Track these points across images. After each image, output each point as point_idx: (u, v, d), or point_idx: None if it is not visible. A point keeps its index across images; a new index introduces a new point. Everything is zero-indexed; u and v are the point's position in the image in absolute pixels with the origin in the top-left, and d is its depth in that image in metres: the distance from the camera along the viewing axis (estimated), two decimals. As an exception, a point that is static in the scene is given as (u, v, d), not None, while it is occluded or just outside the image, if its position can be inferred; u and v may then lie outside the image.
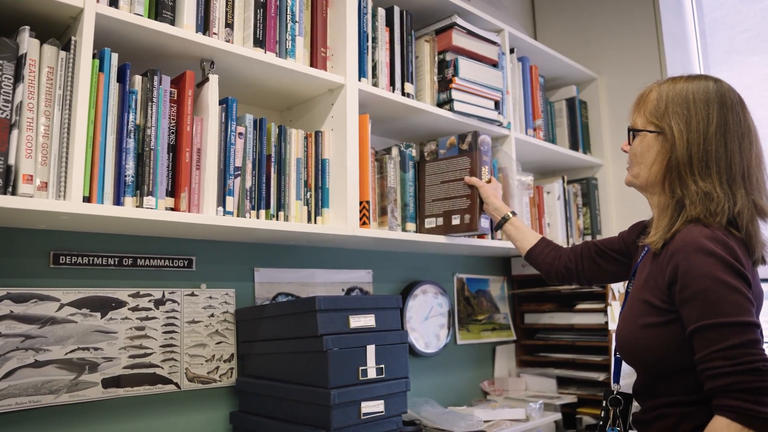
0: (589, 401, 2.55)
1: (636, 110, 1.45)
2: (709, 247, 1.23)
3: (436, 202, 2.06)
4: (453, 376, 2.50)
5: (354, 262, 2.20)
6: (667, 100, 1.37)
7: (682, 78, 1.41)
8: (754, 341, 1.17)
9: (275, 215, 1.70)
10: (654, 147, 1.39)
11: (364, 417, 1.57)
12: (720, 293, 1.20)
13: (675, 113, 1.35)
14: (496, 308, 2.73)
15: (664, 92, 1.39)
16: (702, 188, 1.31)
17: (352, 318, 1.58)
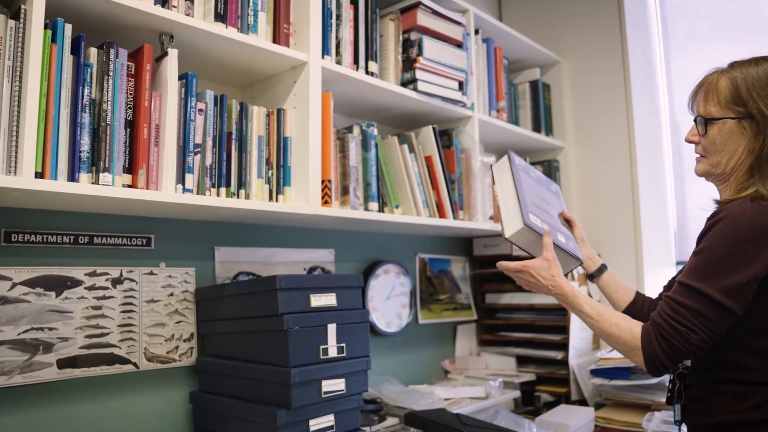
0: (547, 379, 2.60)
1: (705, 99, 1.42)
2: (741, 223, 1.26)
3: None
4: (414, 355, 2.53)
5: (316, 241, 2.20)
6: (747, 85, 1.35)
7: (751, 61, 1.39)
8: (697, 311, 1.27)
9: (236, 193, 1.68)
10: (736, 133, 1.37)
11: (324, 395, 1.57)
12: (716, 264, 1.27)
13: (762, 96, 1.33)
14: (457, 288, 2.76)
15: (739, 77, 1.36)
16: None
17: (313, 297, 1.57)
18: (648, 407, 2.22)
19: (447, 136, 2.33)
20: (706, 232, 1.32)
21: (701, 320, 1.27)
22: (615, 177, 2.85)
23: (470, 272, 2.84)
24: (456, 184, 2.29)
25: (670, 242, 2.89)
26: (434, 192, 2.20)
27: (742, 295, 1.26)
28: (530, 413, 2.36)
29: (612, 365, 2.28)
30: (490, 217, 2.47)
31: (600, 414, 2.27)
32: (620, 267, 2.81)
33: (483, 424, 1.82)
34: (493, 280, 2.82)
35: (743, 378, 1.31)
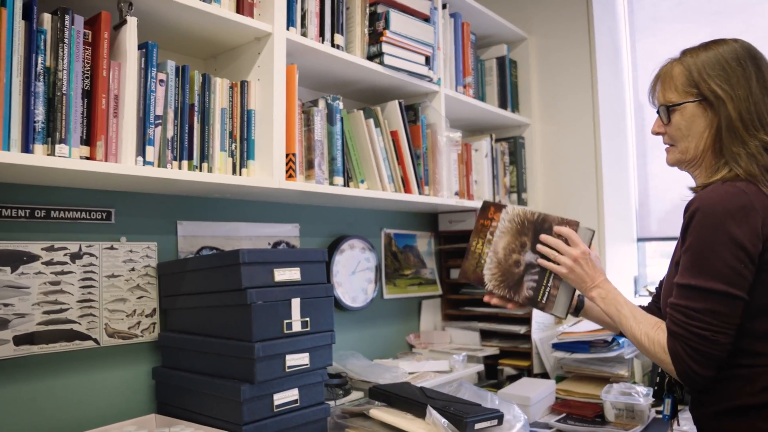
0: (510, 353, 2.64)
1: (663, 88, 1.45)
2: (718, 208, 1.26)
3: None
4: (379, 329, 2.54)
5: (280, 216, 2.18)
6: (699, 68, 1.38)
7: (700, 47, 1.41)
8: (714, 311, 1.25)
9: (198, 167, 1.65)
10: (698, 116, 1.39)
11: (289, 370, 1.57)
12: (706, 256, 1.26)
13: (712, 77, 1.36)
14: (422, 263, 2.77)
15: (691, 63, 1.39)
16: (754, 146, 1.33)
17: (276, 271, 1.56)
18: (607, 379, 2.27)
19: (413, 111, 2.32)
20: (687, 227, 1.31)
21: (719, 318, 1.26)
22: (579, 154, 2.89)
23: (435, 248, 2.86)
24: (422, 160, 2.29)
25: (631, 219, 2.94)
26: (400, 167, 2.19)
27: (742, 278, 1.25)
28: (493, 386, 2.40)
29: (573, 339, 2.33)
30: (455, 193, 2.48)
31: (561, 386, 2.32)
32: (583, 243, 2.85)
33: (446, 397, 1.84)
34: (458, 255, 2.83)
35: (747, 362, 1.30)
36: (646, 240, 2.93)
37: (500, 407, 1.79)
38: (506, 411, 1.78)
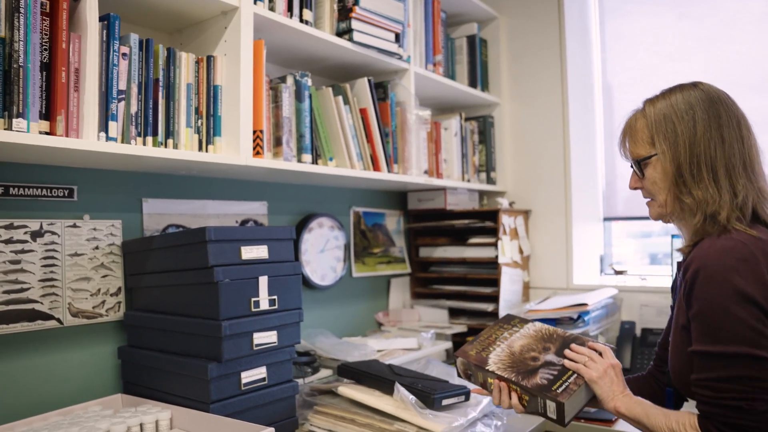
0: (478, 330, 2.66)
1: (632, 142, 1.43)
2: (719, 265, 1.20)
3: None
4: (348, 308, 2.54)
5: (248, 193, 2.16)
6: (653, 121, 1.37)
7: (660, 96, 1.41)
8: (742, 377, 1.16)
9: (163, 143, 1.62)
10: (663, 170, 1.37)
11: (256, 348, 1.56)
12: (720, 318, 1.18)
13: (659, 132, 1.35)
14: (391, 242, 2.78)
15: (649, 114, 1.39)
16: (698, 196, 1.30)
17: (243, 249, 1.55)
18: (572, 356, 2.31)
19: (382, 88, 2.30)
20: (690, 290, 1.24)
21: (751, 384, 1.16)
22: (548, 134, 2.90)
23: (404, 226, 2.86)
24: (391, 138, 2.28)
25: (598, 199, 2.98)
26: (369, 145, 2.18)
27: (764, 336, 1.16)
28: (461, 363, 2.43)
29: (540, 316, 2.35)
30: (424, 171, 2.48)
31: (527, 363, 2.35)
32: (550, 222, 2.88)
33: (414, 374, 1.85)
34: (427, 234, 2.85)
35: None
36: (612, 219, 2.97)
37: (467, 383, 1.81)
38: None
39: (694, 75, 2.66)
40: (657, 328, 2.47)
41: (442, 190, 2.70)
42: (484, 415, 1.75)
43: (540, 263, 2.91)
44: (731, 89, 1.42)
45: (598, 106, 2.98)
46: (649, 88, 1.45)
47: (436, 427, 1.56)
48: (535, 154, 2.95)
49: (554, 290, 2.84)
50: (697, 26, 2.69)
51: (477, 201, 2.95)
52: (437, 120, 2.71)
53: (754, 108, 2.57)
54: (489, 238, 2.64)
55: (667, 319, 2.36)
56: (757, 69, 2.57)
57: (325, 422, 1.75)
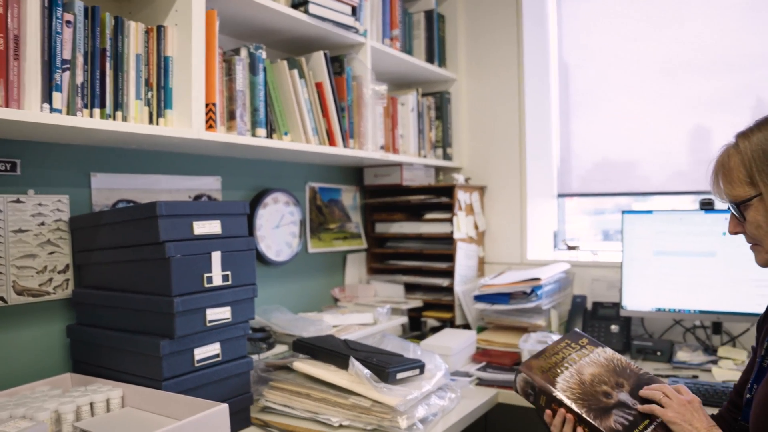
0: (434, 305, 2.70)
1: (726, 183, 1.29)
2: None
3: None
4: (304, 283, 2.53)
5: (201, 168, 2.12)
6: (750, 159, 1.23)
7: (754, 128, 1.27)
8: None
9: (112, 115, 1.57)
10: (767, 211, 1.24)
11: (209, 324, 1.55)
12: None
13: (759, 169, 1.22)
14: (347, 217, 2.77)
15: (744, 150, 1.25)
16: None
17: (196, 224, 1.52)
18: (525, 329, 2.36)
19: (338, 62, 2.28)
20: None
21: None
22: (504, 111, 2.92)
23: (360, 202, 2.85)
24: (346, 112, 2.26)
25: (552, 176, 3.02)
26: (324, 119, 2.16)
27: None
28: (417, 338, 2.45)
29: (494, 291, 2.39)
30: (380, 147, 2.47)
31: (482, 337, 2.39)
32: (505, 198, 2.91)
33: (369, 349, 1.86)
34: (383, 209, 2.85)
35: None
36: (566, 196, 3.02)
37: (422, 357, 1.83)
38: (428, 361, 1.83)
39: (648, 55, 2.72)
40: (607, 301, 2.53)
41: (399, 166, 2.70)
42: (438, 388, 1.78)
43: (495, 239, 2.95)
44: (683, 70, 1.41)
45: (554, 83, 3.01)
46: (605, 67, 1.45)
47: (391, 401, 1.57)
48: (491, 131, 2.97)
49: (509, 265, 2.89)
50: (652, 7, 2.73)
51: (433, 177, 2.96)
52: (394, 95, 2.70)
53: (705, 89, 2.65)
54: (445, 214, 2.66)
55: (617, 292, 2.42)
56: (709, 50, 2.62)
57: (280, 398, 1.75)
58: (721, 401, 1.77)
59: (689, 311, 2.29)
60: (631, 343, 2.32)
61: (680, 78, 2.68)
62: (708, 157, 1.37)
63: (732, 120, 2.57)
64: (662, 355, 2.25)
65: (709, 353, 2.27)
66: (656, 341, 2.34)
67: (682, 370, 2.14)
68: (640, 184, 2.82)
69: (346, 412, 1.64)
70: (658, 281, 2.33)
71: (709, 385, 1.89)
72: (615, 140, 2.86)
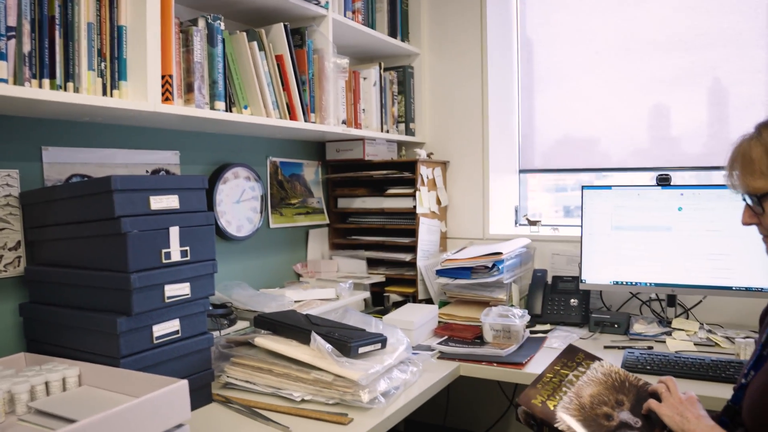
0: (396, 280, 2.71)
1: (745, 173, 1.26)
2: None
3: None
4: (266, 259, 2.51)
5: (159, 142, 2.07)
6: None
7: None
8: None
9: (63, 86, 1.51)
10: None
11: (168, 300, 1.52)
12: None
13: None
14: (309, 192, 2.75)
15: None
16: None
17: (152, 199, 1.48)
18: (487, 303, 2.38)
19: (299, 35, 2.24)
20: None
21: None
22: (466, 87, 2.92)
23: (322, 177, 2.83)
24: (308, 86, 2.23)
25: (514, 151, 3.04)
26: (285, 93, 2.12)
27: None
28: (379, 313, 2.46)
29: (456, 265, 2.41)
30: (342, 121, 2.45)
31: (444, 311, 2.41)
32: (467, 173, 2.92)
33: (331, 324, 1.86)
34: (346, 185, 2.83)
35: None
36: (528, 172, 3.04)
37: (384, 332, 1.83)
38: (390, 335, 1.83)
39: (609, 34, 2.74)
40: (567, 275, 2.57)
41: (361, 141, 2.68)
42: (400, 361, 1.79)
43: (457, 214, 2.96)
44: (643, 48, 1.40)
45: (516, 58, 3.01)
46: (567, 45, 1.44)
47: (353, 375, 1.58)
48: (454, 106, 2.97)
49: (471, 240, 2.91)
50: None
51: (395, 152, 2.95)
52: (356, 69, 2.67)
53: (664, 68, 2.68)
54: (407, 189, 2.66)
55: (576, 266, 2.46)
56: (668, 29, 2.65)
57: (242, 373, 1.74)
58: (674, 371, 1.83)
59: (645, 284, 2.34)
60: (590, 316, 2.37)
61: (640, 56, 2.71)
62: (667, 135, 1.38)
63: (689, 98, 2.62)
64: (619, 328, 2.30)
65: (664, 325, 2.33)
66: (614, 314, 2.39)
67: (638, 342, 2.19)
68: (602, 161, 2.86)
69: (309, 387, 1.64)
70: (616, 255, 2.38)
71: (663, 356, 1.94)
72: (577, 117, 2.88)
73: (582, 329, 2.39)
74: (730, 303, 2.31)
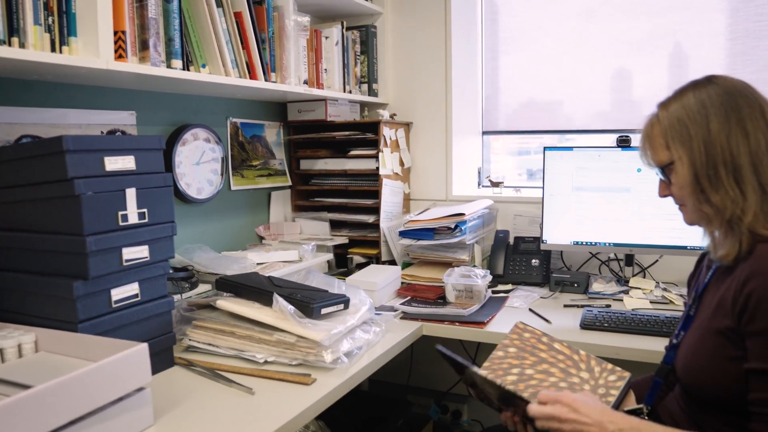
0: (359, 242, 2.71)
1: (652, 149, 1.34)
2: None
3: None
4: (227, 222, 2.48)
5: (114, 102, 2.00)
6: (666, 128, 1.29)
7: (674, 97, 1.31)
8: None
9: (6, 41, 1.44)
10: (683, 176, 1.29)
11: (126, 263, 1.49)
12: None
13: (674, 138, 1.28)
14: (271, 154, 2.71)
15: (664, 119, 1.30)
16: (716, 202, 1.23)
17: (107, 160, 1.44)
18: (449, 264, 2.40)
19: (259, -9, 2.17)
20: (759, 303, 1.12)
21: None
22: (430, 47, 2.88)
23: (284, 138, 2.79)
24: (267, 44, 2.17)
25: (477, 113, 3.03)
26: (244, 51, 2.07)
27: None
28: (343, 274, 2.46)
29: (419, 227, 2.41)
30: (304, 81, 2.40)
31: (407, 272, 2.42)
32: (431, 135, 2.91)
33: (294, 285, 1.85)
34: (308, 146, 2.80)
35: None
36: (491, 133, 3.04)
37: (347, 293, 1.83)
38: (353, 296, 1.83)
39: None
40: (528, 236, 2.60)
41: (323, 101, 2.64)
42: (363, 322, 1.80)
43: (420, 175, 2.96)
44: (605, 12, 1.41)
45: (480, 19, 2.98)
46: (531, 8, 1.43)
47: (316, 335, 1.58)
48: (417, 67, 2.94)
49: (434, 201, 2.91)
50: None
51: (358, 113, 2.91)
52: (318, 28, 2.61)
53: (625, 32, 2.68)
54: (370, 150, 2.64)
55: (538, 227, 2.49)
56: (628, -14, 2.65)
57: (204, 336, 1.73)
58: (630, 327, 1.88)
59: (604, 244, 2.38)
60: (551, 275, 2.40)
61: (604, 20, 2.71)
62: (629, 98, 1.40)
63: (651, 62, 2.64)
64: (579, 287, 2.35)
65: (622, 284, 2.38)
66: (574, 273, 2.43)
67: (596, 300, 2.24)
68: (565, 124, 2.87)
69: (271, 349, 1.64)
70: (576, 216, 2.41)
71: (620, 313, 1.98)
72: (541, 81, 2.88)
73: (543, 289, 2.43)
74: (684, 262, 2.36)
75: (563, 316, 2.07)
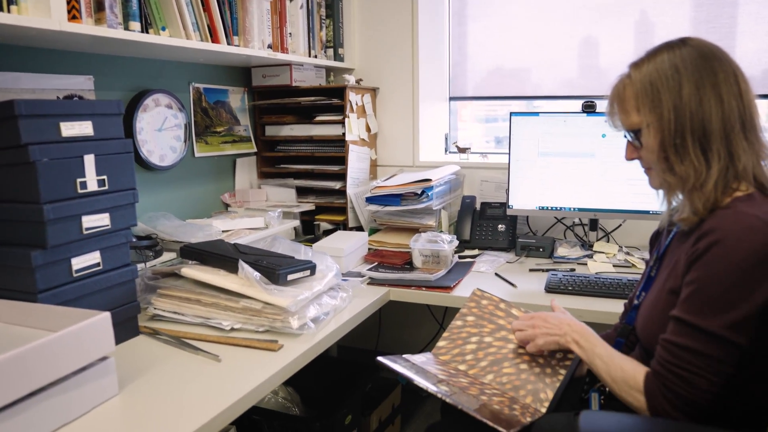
0: (326, 209, 2.70)
1: (622, 111, 1.32)
2: (742, 248, 1.11)
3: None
4: (192, 189, 2.44)
5: (70, 66, 1.93)
6: (638, 90, 1.27)
7: (645, 58, 1.29)
8: (712, 356, 1.12)
9: (-48, 1, 1.38)
10: (653, 141, 1.28)
11: (87, 232, 1.46)
12: (719, 297, 1.12)
13: (645, 101, 1.26)
14: (236, 120, 2.66)
15: (636, 81, 1.27)
16: (680, 172, 1.23)
17: (63, 125, 1.39)
18: (416, 230, 2.40)
19: (219, -49, 2.11)
20: (698, 257, 1.15)
21: (708, 362, 1.12)
22: (396, 11, 2.84)
23: (249, 103, 2.74)
24: (229, 7, 2.12)
25: (444, 79, 3.01)
26: (206, 14, 2.01)
27: (749, 327, 1.11)
28: (310, 241, 2.45)
29: (386, 192, 2.41)
30: (268, 45, 2.36)
31: (374, 238, 2.42)
32: (398, 101, 2.89)
33: (259, 252, 1.84)
34: (273, 112, 2.76)
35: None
36: (458, 99, 3.03)
37: (314, 259, 1.83)
38: (319, 262, 1.83)
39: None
40: (495, 201, 2.62)
41: (288, 66, 2.60)
42: (329, 288, 1.80)
43: (387, 141, 2.94)
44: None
45: (446, -18, 2.95)
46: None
47: (282, 302, 1.57)
48: (384, 32, 2.90)
49: (400, 167, 2.91)
50: None
51: (324, 78, 2.87)
52: (281, -10, 2.55)
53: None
54: (336, 116, 2.61)
55: (504, 193, 2.49)
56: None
57: (169, 305, 1.71)
58: (593, 291, 1.91)
59: (569, 209, 2.41)
60: (517, 240, 2.43)
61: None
62: (594, 64, 1.40)
63: (617, 29, 2.64)
64: (544, 251, 2.38)
65: (586, 248, 2.42)
66: (539, 238, 2.46)
67: (561, 264, 2.28)
68: (533, 91, 2.87)
69: (238, 316, 1.63)
70: (542, 181, 2.42)
71: (584, 277, 2.02)
72: (509, 48, 2.87)
73: (509, 254, 2.45)
74: (647, 226, 2.41)
75: (528, 281, 2.09)
